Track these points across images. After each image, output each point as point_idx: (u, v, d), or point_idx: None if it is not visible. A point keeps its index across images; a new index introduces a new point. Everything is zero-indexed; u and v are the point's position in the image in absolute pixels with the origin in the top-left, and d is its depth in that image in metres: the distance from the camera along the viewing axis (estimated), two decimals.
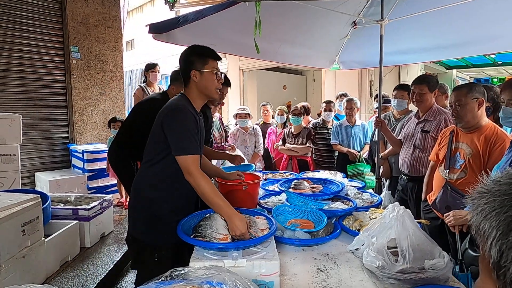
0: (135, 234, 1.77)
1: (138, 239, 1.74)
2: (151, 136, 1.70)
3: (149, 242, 1.69)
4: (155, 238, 1.68)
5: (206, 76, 1.67)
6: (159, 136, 1.63)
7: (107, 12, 5.18)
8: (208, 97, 1.75)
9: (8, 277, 2.09)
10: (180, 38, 3.10)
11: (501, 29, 3.17)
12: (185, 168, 1.56)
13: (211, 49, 1.72)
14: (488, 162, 2.00)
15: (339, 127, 4.04)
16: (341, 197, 2.16)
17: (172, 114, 1.60)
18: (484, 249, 0.49)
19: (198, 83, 1.68)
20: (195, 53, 1.70)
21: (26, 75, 4.53)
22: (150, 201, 1.68)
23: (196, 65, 1.66)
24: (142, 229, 1.71)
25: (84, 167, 4.54)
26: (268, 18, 2.81)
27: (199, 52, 1.69)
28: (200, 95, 1.71)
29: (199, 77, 1.67)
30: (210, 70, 1.68)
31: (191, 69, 1.66)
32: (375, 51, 3.34)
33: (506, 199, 0.47)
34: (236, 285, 0.94)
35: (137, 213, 1.74)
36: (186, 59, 1.70)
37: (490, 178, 0.52)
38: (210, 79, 1.68)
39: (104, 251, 3.19)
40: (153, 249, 1.68)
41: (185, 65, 1.69)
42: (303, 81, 11.34)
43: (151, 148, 1.70)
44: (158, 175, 1.68)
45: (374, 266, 1.27)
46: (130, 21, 11.09)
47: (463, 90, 2.12)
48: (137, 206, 1.74)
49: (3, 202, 2.19)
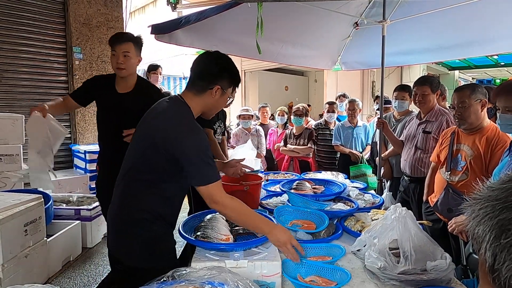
0: (132, 263, 1.44)
1: (137, 267, 1.42)
2: (144, 148, 1.41)
3: (152, 265, 1.38)
4: (158, 261, 1.42)
5: (223, 99, 1.52)
6: (159, 155, 1.36)
7: (109, 13, 5.20)
8: (206, 114, 1.57)
9: (11, 276, 2.09)
10: (182, 39, 3.10)
11: (504, 30, 3.17)
12: (210, 197, 1.35)
13: (239, 74, 1.59)
14: (490, 164, 1.98)
15: (341, 128, 4.04)
16: (343, 198, 2.16)
17: (185, 133, 1.35)
18: (480, 254, 0.51)
19: (214, 100, 1.48)
20: (231, 71, 1.51)
21: (28, 76, 4.54)
22: (148, 222, 1.42)
23: (224, 83, 1.47)
24: (143, 255, 1.42)
25: (86, 167, 4.54)
26: (270, 19, 2.81)
27: (234, 74, 1.52)
28: (203, 108, 1.51)
29: (218, 95, 1.48)
30: (229, 95, 1.56)
31: (218, 83, 1.45)
32: (377, 52, 3.33)
33: (497, 204, 0.49)
34: (237, 286, 0.94)
35: (132, 238, 1.43)
36: (219, 69, 1.48)
37: (485, 184, 0.54)
38: (223, 102, 1.55)
39: (106, 251, 3.16)
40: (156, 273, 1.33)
41: (214, 74, 1.46)
42: (305, 82, 11.33)
43: (147, 165, 1.41)
44: (158, 197, 1.43)
45: (376, 267, 1.27)
46: (133, 22, 11.12)
47: (466, 92, 2.10)
48: (131, 230, 1.43)
49: (6, 202, 2.20)
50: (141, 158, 1.42)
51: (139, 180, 1.43)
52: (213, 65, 1.47)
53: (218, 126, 3.13)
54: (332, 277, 1.30)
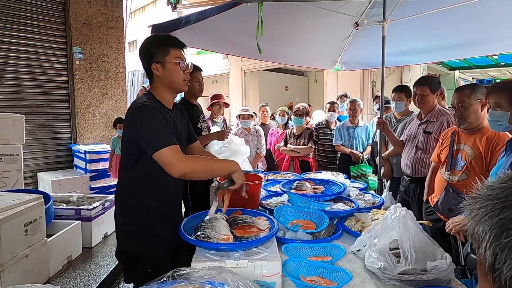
0: (124, 248, 1.59)
1: (128, 252, 1.58)
2: (122, 141, 1.58)
3: (141, 253, 1.54)
4: (147, 249, 1.54)
5: (169, 68, 1.51)
6: (128, 141, 1.51)
7: (109, 13, 5.20)
8: (177, 90, 1.60)
9: (11, 276, 2.10)
10: (182, 39, 3.08)
11: (504, 30, 3.16)
12: (166, 162, 1.38)
13: (172, 36, 1.59)
14: (490, 164, 1.98)
15: (341, 128, 4.04)
16: (343, 198, 2.16)
17: (135, 114, 1.45)
18: (480, 253, 0.51)
19: (162, 77, 1.52)
20: (154, 44, 1.53)
21: (29, 76, 4.55)
22: (136, 210, 1.54)
23: (157, 58, 1.50)
24: (133, 242, 1.56)
25: (87, 167, 4.55)
26: (270, 19, 2.82)
27: (158, 42, 1.53)
28: (167, 90, 1.56)
29: (161, 70, 1.51)
30: (173, 60, 1.52)
31: (152, 62, 1.51)
32: (377, 52, 3.33)
33: (498, 203, 0.48)
34: (237, 286, 0.94)
35: (125, 225, 1.58)
36: (145, 52, 1.53)
37: (484, 183, 0.54)
38: (174, 71, 1.52)
39: (106, 251, 3.19)
40: (146, 261, 1.53)
41: (145, 59, 1.53)
42: (305, 82, 11.34)
43: (124, 154, 1.58)
44: (137, 180, 1.54)
45: (376, 267, 1.27)
46: (133, 22, 11.13)
47: (466, 91, 2.11)
48: (124, 217, 1.59)
49: (6, 202, 2.20)
50: (122, 147, 1.59)
51: (122, 169, 1.58)
52: (140, 55, 1.55)
53: (201, 124, 3.06)
54: (333, 278, 1.30)
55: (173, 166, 1.38)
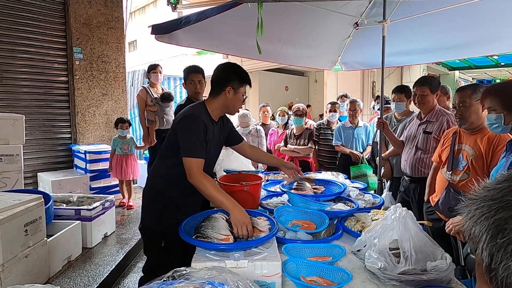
0: (146, 223, 1.90)
1: (148, 227, 1.87)
2: (168, 135, 1.86)
3: (157, 230, 1.80)
4: (164, 228, 1.77)
5: (237, 97, 1.83)
6: (173, 136, 1.78)
7: (109, 13, 5.20)
8: (230, 113, 1.94)
9: (11, 277, 2.10)
10: (182, 39, 3.10)
11: (504, 30, 3.16)
12: (188, 169, 1.67)
13: (248, 74, 1.87)
14: (491, 164, 1.98)
15: (341, 128, 4.03)
16: (343, 198, 2.16)
17: (184, 120, 1.75)
18: (477, 254, 0.51)
19: (228, 99, 1.81)
20: (238, 73, 1.83)
21: (29, 76, 4.55)
22: (161, 194, 1.82)
23: (234, 84, 1.79)
24: (152, 219, 1.85)
25: (87, 167, 4.55)
26: (270, 19, 2.81)
27: (241, 75, 1.83)
28: (223, 109, 1.85)
29: (231, 94, 1.80)
30: (242, 92, 1.84)
31: (228, 85, 1.79)
32: (377, 52, 3.33)
33: (493, 203, 0.49)
34: (237, 286, 0.94)
35: (150, 203, 1.88)
36: (227, 74, 1.83)
37: (481, 184, 0.54)
38: (238, 100, 1.84)
39: (106, 251, 3.19)
40: (161, 237, 1.78)
41: (224, 78, 1.81)
42: (305, 82, 11.35)
43: (167, 145, 1.85)
44: (170, 168, 1.80)
45: (376, 267, 1.27)
46: (133, 22, 11.13)
47: (467, 91, 2.11)
48: (149, 197, 1.89)
49: (6, 202, 2.20)
50: (167, 140, 1.87)
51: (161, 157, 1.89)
52: (222, 72, 1.84)
53: None
54: (333, 278, 1.30)
55: (189, 175, 1.67)
